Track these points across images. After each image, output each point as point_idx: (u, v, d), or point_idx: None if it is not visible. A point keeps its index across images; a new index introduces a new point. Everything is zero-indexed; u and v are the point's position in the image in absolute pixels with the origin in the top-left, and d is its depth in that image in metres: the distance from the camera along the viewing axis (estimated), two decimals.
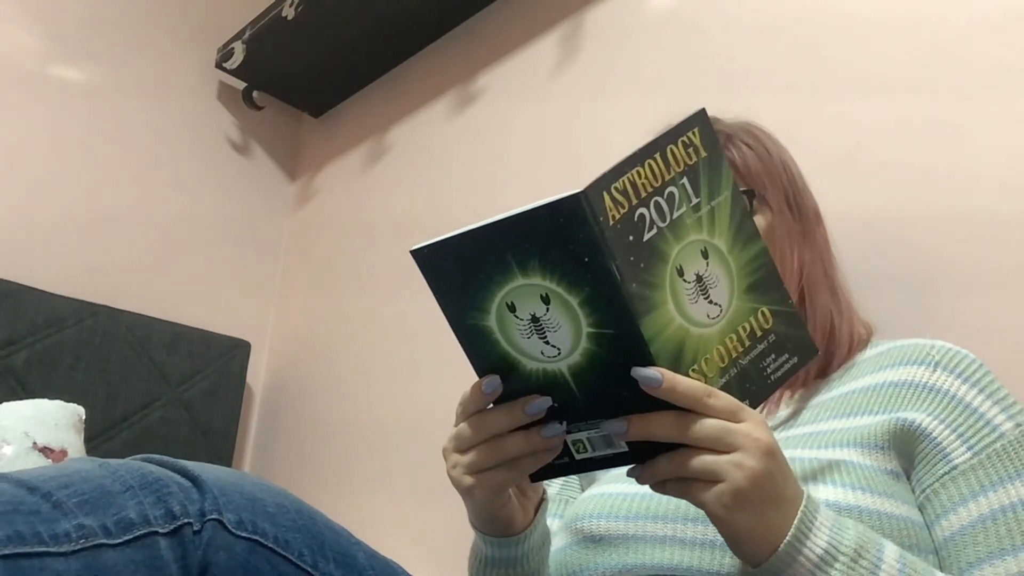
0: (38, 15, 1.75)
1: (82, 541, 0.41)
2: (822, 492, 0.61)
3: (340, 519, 0.57)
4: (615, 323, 0.49)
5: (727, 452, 0.49)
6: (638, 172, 0.50)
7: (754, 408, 0.54)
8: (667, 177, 0.51)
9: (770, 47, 1.16)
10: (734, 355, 0.54)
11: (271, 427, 1.87)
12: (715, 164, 0.55)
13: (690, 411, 0.50)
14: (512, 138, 1.54)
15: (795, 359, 0.58)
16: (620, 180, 0.49)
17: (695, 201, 0.53)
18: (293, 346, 1.91)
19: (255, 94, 2.00)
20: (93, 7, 1.83)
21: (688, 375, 0.51)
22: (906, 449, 0.66)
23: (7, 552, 0.39)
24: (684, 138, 0.53)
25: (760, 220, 0.78)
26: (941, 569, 0.64)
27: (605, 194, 0.48)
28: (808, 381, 0.77)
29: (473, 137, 1.63)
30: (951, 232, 0.91)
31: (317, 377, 1.79)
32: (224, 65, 1.91)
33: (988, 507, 0.62)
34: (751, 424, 0.50)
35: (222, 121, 2.01)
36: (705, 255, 0.53)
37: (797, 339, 0.58)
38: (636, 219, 0.49)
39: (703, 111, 0.54)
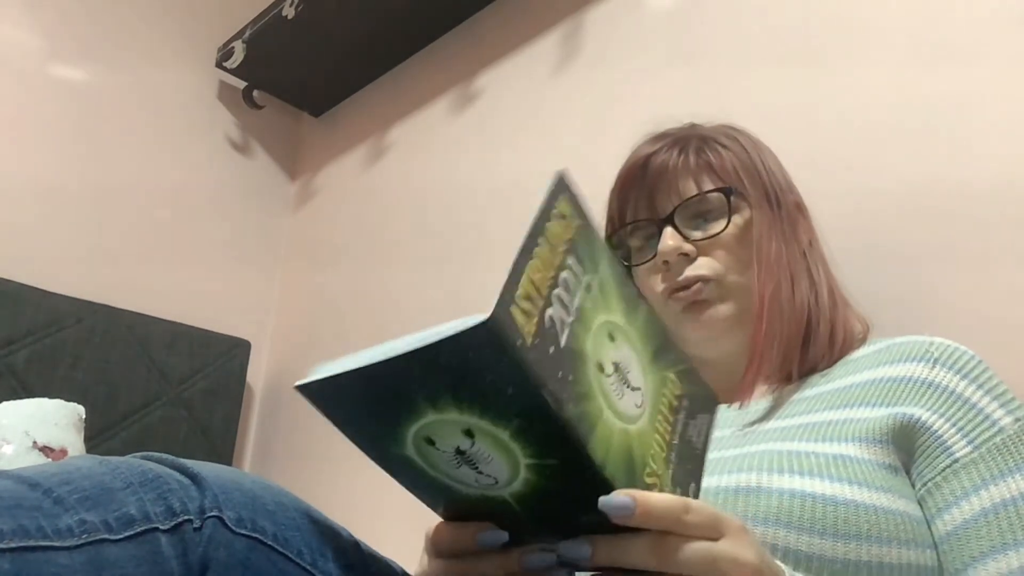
0: (38, 15, 1.76)
1: (85, 536, 0.41)
2: (819, 487, 0.61)
3: (339, 518, 0.58)
4: (558, 454, 0.41)
5: None
6: (533, 267, 0.41)
7: (700, 486, 0.51)
8: (557, 262, 0.43)
9: (770, 47, 1.16)
10: (667, 438, 0.48)
11: (271, 427, 1.87)
12: (589, 230, 0.48)
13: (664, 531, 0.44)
14: (512, 138, 1.54)
15: (708, 416, 0.53)
16: (521, 286, 0.40)
17: (585, 280, 0.46)
18: (293, 346, 1.91)
19: (255, 93, 2.00)
20: (93, 7, 1.84)
21: (646, 482, 0.45)
22: (906, 443, 0.66)
23: (13, 545, 0.39)
24: (556, 210, 0.45)
25: (738, 218, 0.79)
26: (943, 563, 0.64)
27: (513, 308, 0.39)
28: (793, 377, 0.77)
29: (473, 137, 1.63)
30: (947, 232, 0.91)
31: None
32: (224, 65, 1.91)
33: (990, 501, 0.63)
34: (734, 542, 0.45)
35: (222, 121, 2.02)
36: (612, 338, 0.46)
37: (703, 394, 0.54)
38: (548, 325, 0.41)
39: (561, 177, 0.46)
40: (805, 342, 0.77)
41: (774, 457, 0.64)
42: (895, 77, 1.01)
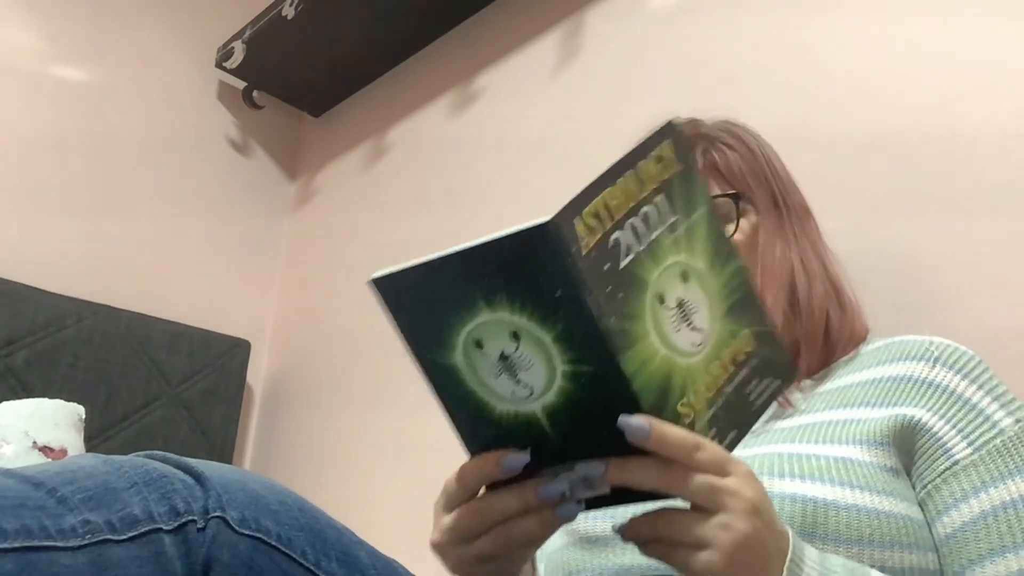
0: (38, 15, 1.75)
1: (88, 536, 0.41)
2: (821, 491, 0.61)
3: (341, 518, 0.58)
4: (593, 360, 0.45)
5: (712, 511, 0.47)
6: (611, 193, 0.45)
7: (741, 437, 0.52)
8: (641, 196, 0.47)
9: (771, 46, 1.16)
10: (720, 384, 0.51)
11: (271, 427, 1.87)
12: (690, 178, 0.51)
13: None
14: (512, 138, 1.54)
15: (777, 382, 0.55)
16: (592, 203, 0.44)
17: (671, 220, 0.49)
18: (293, 346, 1.91)
19: (255, 94, 2.00)
20: (93, 6, 1.83)
21: (678, 410, 0.48)
22: (906, 445, 0.66)
23: (17, 545, 0.39)
24: (656, 152, 0.48)
25: (745, 223, 0.78)
26: (942, 566, 0.64)
27: (577, 220, 0.43)
28: (802, 377, 0.77)
29: (473, 137, 1.63)
30: (946, 232, 0.91)
31: (317, 377, 1.79)
32: (224, 65, 1.91)
33: (989, 503, 0.63)
34: (737, 479, 0.48)
35: (222, 121, 2.01)
36: (685, 278, 0.49)
37: (777, 360, 0.55)
38: (611, 245, 0.45)
39: (672, 122, 0.50)
40: (826, 340, 0.76)
41: (775, 460, 0.64)
42: (898, 75, 1.01)
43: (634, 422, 0.45)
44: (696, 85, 1.25)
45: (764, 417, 0.74)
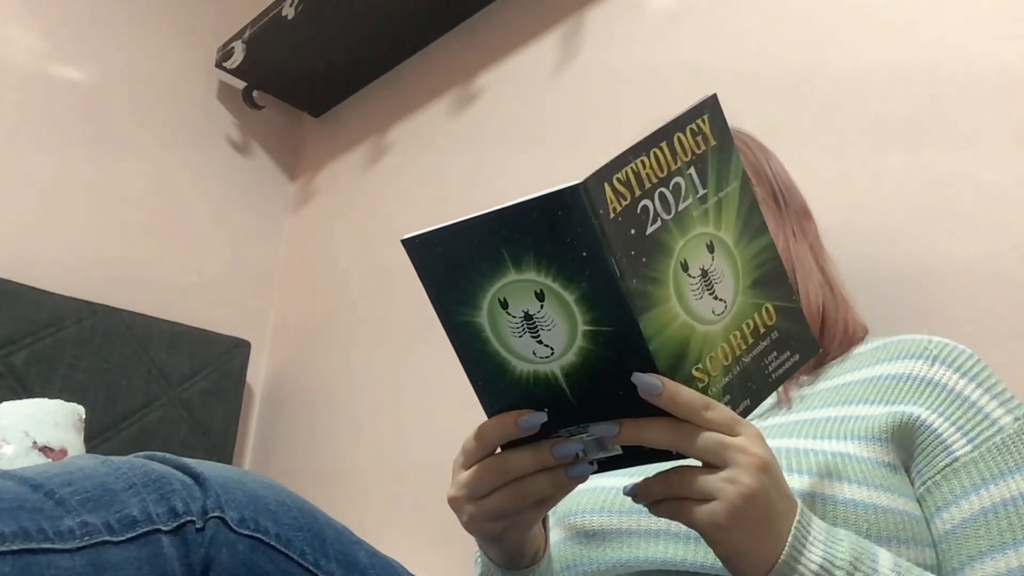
0: (38, 14, 1.75)
1: (86, 538, 0.41)
2: (817, 485, 0.61)
3: (340, 518, 0.58)
4: (613, 320, 0.47)
5: (721, 467, 0.48)
6: (642, 162, 0.47)
7: (754, 407, 0.54)
8: (673, 167, 0.49)
9: (770, 47, 1.16)
10: (737, 353, 0.52)
11: (271, 427, 1.87)
12: (724, 153, 0.52)
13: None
14: (512, 138, 1.54)
15: (796, 356, 0.56)
16: (623, 170, 0.46)
17: (702, 192, 0.51)
18: (293, 346, 1.91)
19: (255, 94, 2.00)
20: (93, 6, 1.84)
21: (692, 374, 0.49)
22: (905, 442, 0.67)
23: (14, 548, 0.39)
24: (693, 125, 0.50)
25: None
26: (941, 562, 0.64)
27: (606, 185, 0.45)
28: (799, 373, 0.77)
29: (473, 137, 1.63)
30: (945, 232, 0.91)
31: (317, 377, 1.79)
32: (224, 65, 1.91)
33: (989, 500, 0.63)
34: (746, 438, 0.49)
35: (222, 121, 2.02)
36: (711, 249, 0.51)
37: (799, 336, 0.57)
38: (639, 211, 0.47)
39: (714, 97, 0.52)
40: (821, 336, 0.77)
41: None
42: (898, 77, 1.01)
43: (646, 379, 0.47)
44: (696, 85, 1.24)
45: (761, 412, 0.74)
